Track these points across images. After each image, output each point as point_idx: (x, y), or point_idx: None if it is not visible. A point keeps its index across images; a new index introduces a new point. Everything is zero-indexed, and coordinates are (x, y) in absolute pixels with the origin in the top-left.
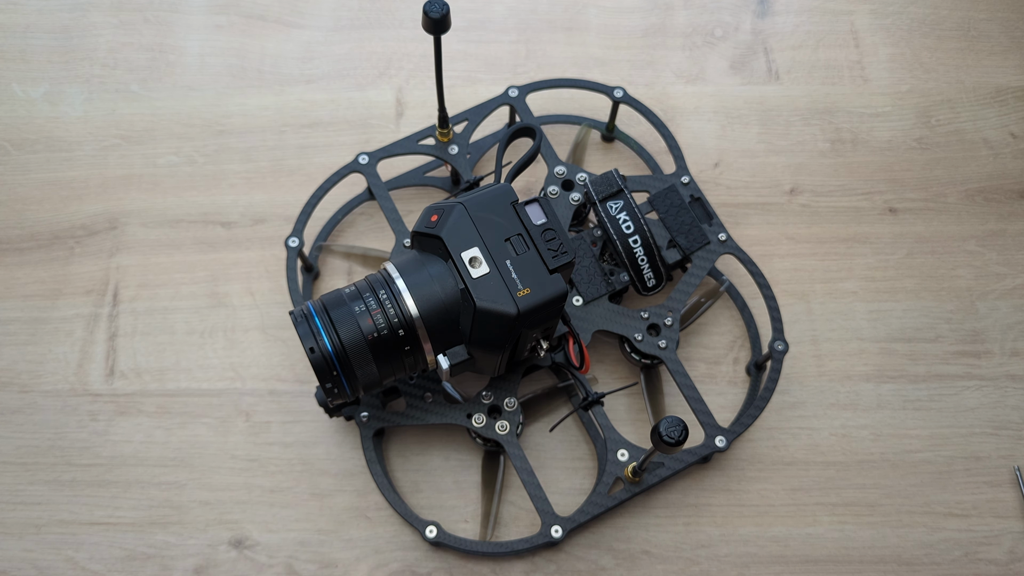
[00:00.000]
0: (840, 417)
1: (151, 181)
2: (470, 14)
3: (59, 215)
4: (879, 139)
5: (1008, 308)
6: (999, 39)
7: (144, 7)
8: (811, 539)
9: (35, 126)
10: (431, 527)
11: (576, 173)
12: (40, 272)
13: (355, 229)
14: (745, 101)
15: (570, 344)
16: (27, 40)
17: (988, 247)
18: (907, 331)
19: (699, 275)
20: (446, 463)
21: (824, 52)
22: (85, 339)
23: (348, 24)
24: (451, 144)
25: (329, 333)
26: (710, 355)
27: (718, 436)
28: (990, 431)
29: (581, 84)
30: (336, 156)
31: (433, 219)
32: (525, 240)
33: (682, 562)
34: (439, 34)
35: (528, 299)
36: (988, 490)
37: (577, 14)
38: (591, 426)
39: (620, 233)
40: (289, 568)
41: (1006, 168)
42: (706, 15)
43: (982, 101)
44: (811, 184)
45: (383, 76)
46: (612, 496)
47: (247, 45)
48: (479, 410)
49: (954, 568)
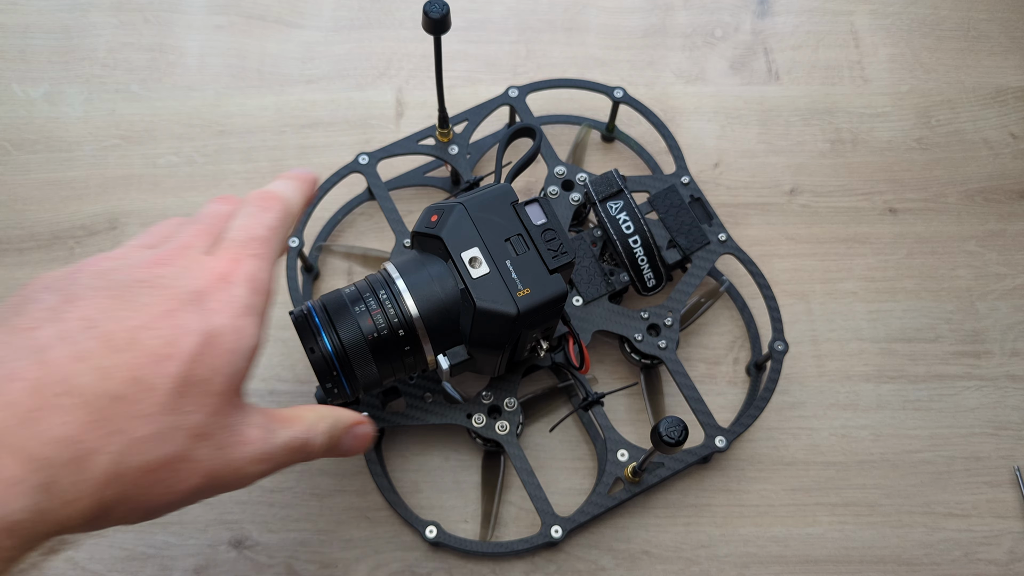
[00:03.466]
0: (840, 417)
1: (151, 181)
2: (470, 14)
3: (59, 215)
4: (879, 139)
5: (1008, 308)
6: (999, 39)
7: (144, 7)
8: (811, 539)
9: (35, 126)
10: (431, 527)
11: (576, 173)
12: (40, 272)
13: (355, 229)
14: (745, 101)
15: (570, 344)
16: (27, 40)
17: (988, 247)
18: (907, 331)
19: (699, 275)
20: (446, 463)
21: (824, 52)
22: None
23: (348, 24)
24: (451, 144)
25: (329, 333)
26: (710, 355)
27: (718, 436)
28: (990, 431)
29: (581, 84)
30: (336, 156)
31: (433, 219)
32: (525, 240)
33: (682, 562)
34: (439, 34)
35: (528, 299)
36: (988, 490)
37: (577, 14)
38: (591, 426)
39: (620, 233)
40: (289, 568)
41: (1006, 168)
42: (706, 15)
43: (982, 101)
44: (811, 184)
45: (383, 76)
46: (612, 496)
47: (247, 45)
48: (479, 410)
49: (954, 568)
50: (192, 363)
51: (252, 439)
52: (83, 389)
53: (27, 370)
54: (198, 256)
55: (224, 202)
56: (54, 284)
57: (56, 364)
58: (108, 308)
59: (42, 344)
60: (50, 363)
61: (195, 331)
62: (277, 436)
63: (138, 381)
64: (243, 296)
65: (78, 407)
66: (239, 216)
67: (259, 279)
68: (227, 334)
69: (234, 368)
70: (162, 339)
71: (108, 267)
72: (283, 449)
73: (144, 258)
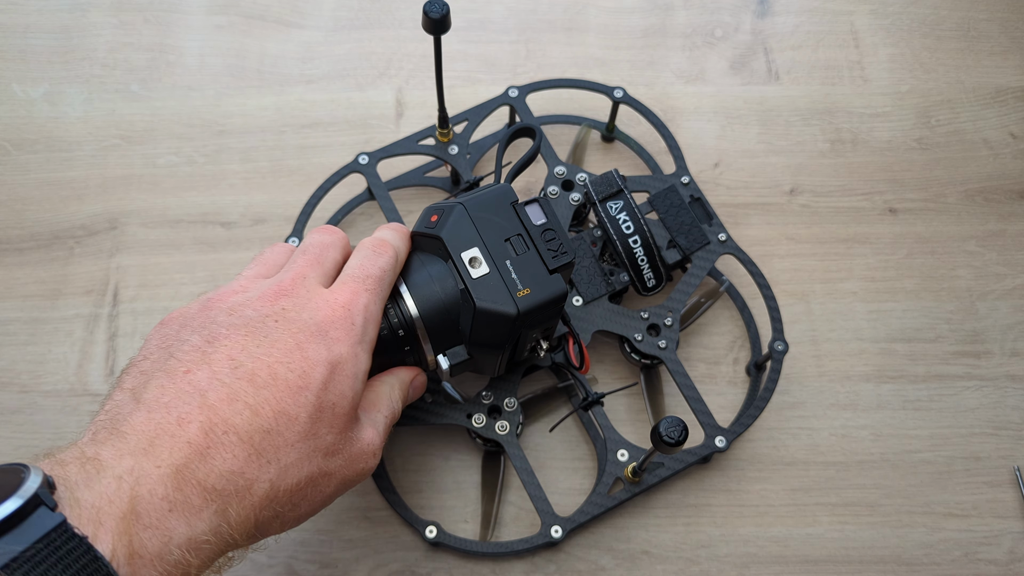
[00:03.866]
0: (840, 417)
1: (151, 181)
2: (470, 14)
3: (59, 215)
4: (879, 139)
5: (1008, 308)
6: (999, 39)
7: (144, 7)
8: (811, 539)
9: (35, 126)
10: (431, 527)
11: (576, 173)
12: (40, 272)
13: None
14: (745, 101)
15: (570, 344)
16: (27, 40)
17: (988, 247)
18: (907, 331)
19: (699, 275)
20: (446, 463)
21: (824, 52)
22: (85, 339)
23: (348, 24)
24: (451, 144)
25: None
26: (710, 355)
27: (718, 436)
28: (990, 431)
29: (581, 84)
30: (336, 156)
31: (433, 219)
32: (525, 240)
33: (682, 562)
34: (439, 34)
35: (528, 299)
36: (988, 490)
37: (577, 14)
38: (591, 426)
39: (620, 233)
40: (289, 568)
41: (1006, 168)
42: (706, 15)
43: (982, 101)
44: (811, 184)
45: (383, 76)
46: (612, 496)
47: (247, 45)
48: (479, 410)
49: (954, 568)
50: (323, 391)
51: (368, 440)
52: (240, 427)
53: (196, 413)
54: (315, 286)
55: (327, 232)
56: (192, 322)
57: (217, 406)
58: (246, 346)
59: (202, 388)
60: (212, 406)
61: (322, 362)
62: (379, 426)
63: (282, 414)
64: (360, 324)
65: (239, 444)
66: (357, 256)
67: (372, 311)
68: (347, 362)
69: (355, 391)
70: (296, 371)
71: (236, 302)
72: (385, 433)
73: (265, 289)
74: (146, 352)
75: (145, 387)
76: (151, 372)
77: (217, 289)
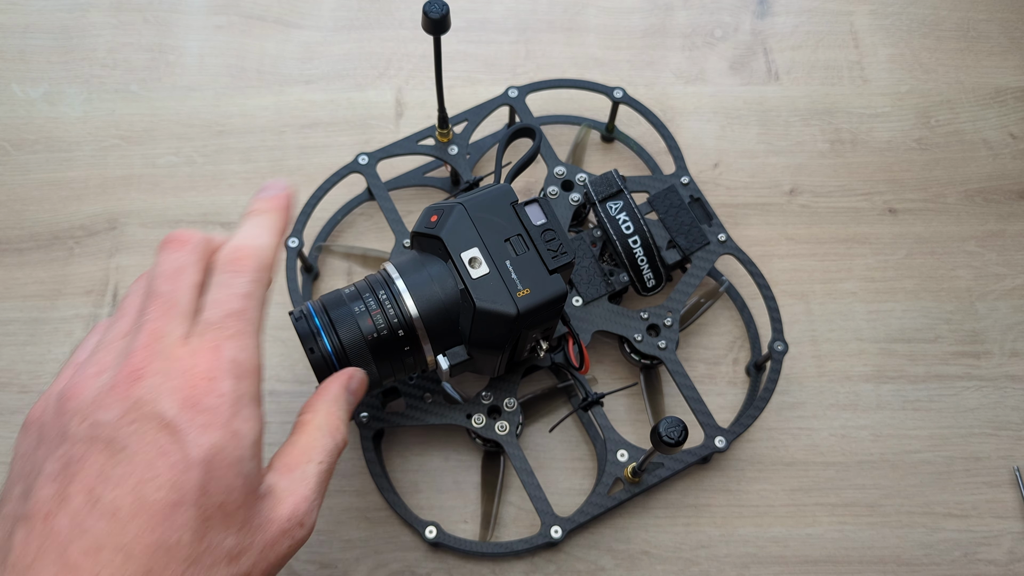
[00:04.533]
0: (840, 417)
1: (151, 181)
2: (470, 14)
3: (59, 215)
4: (879, 139)
5: (1008, 308)
6: (999, 40)
7: (144, 7)
8: (811, 539)
9: (35, 126)
10: (431, 527)
11: (576, 173)
12: (40, 272)
13: (355, 229)
14: (745, 101)
15: (570, 344)
16: (27, 40)
17: (988, 247)
18: (907, 331)
19: (699, 275)
20: (446, 463)
21: (824, 52)
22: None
23: (348, 24)
24: (451, 144)
25: (329, 333)
26: (710, 355)
27: (718, 436)
28: (990, 431)
29: (581, 84)
30: (336, 156)
31: (433, 219)
32: (525, 240)
33: (682, 562)
34: (439, 34)
35: (528, 299)
36: (988, 490)
37: (577, 14)
38: (591, 426)
39: (620, 233)
40: (289, 568)
41: (1006, 168)
42: (706, 15)
43: (982, 101)
44: (811, 184)
45: (383, 76)
46: (612, 496)
47: (247, 45)
48: (479, 410)
49: (954, 568)
50: (202, 496)
51: (287, 514)
52: None
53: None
54: (172, 349)
55: (176, 248)
56: (47, 437)
57: (81, 565)
58: (103, 469)
59: (62, 540)
60: (75, 566)
61: (194, 461)
62: (308, 483)
63: (159, 547)
64: (230, 390)
65: None
66: (211, 289)
67: (243, 361)
68: (225, 447)
69: (245, 472)
70: (165, 487)
71: (90, 400)
72: (321, 483)
73: (119, 372)
74: (10, 479)
75: (10, 541)
76: (14, 518)
77: (74, 369)
